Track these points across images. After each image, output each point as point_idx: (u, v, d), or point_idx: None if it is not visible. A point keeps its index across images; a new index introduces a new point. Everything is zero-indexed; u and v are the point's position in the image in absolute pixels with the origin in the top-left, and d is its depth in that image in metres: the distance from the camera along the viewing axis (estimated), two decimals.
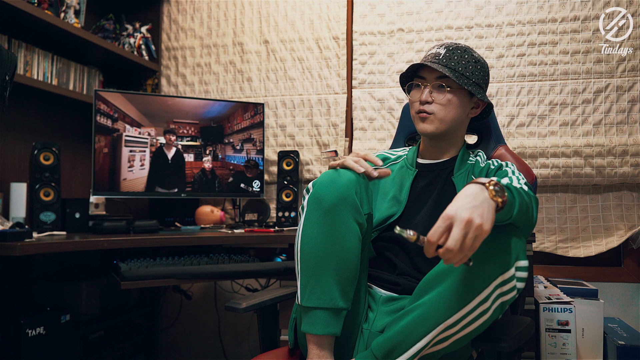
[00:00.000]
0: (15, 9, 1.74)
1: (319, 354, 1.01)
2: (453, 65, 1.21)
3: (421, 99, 1.23)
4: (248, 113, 2.22)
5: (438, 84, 1.22)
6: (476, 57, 1.25)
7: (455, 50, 1.23)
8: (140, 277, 1.61)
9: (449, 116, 1.23)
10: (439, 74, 1.22)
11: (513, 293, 0.95)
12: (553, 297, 1.60)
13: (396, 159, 1.37)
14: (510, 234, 0.96)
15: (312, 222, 1.04)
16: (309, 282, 1.02)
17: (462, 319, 0.94)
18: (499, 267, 0.93)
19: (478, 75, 1.24)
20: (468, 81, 1.21)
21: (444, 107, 1.22)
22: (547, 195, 2.02)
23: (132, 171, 2.03)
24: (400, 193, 1.27)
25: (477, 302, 0.93)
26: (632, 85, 1.94)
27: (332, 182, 1.04)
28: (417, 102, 1.25)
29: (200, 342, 2.49)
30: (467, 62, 1.22)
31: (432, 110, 1.23)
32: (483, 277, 0.93)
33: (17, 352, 1.55)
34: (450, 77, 1.19)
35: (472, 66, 1.22)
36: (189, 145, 2.13)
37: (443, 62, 1.21)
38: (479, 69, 1.24)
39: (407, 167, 1.32)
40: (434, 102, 1.22)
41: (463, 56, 1.23)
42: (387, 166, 1.33)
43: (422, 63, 1.23)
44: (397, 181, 1.29)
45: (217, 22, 2.44)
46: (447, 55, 1.22)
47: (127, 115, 2.02)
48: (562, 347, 1.51)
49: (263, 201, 2.25)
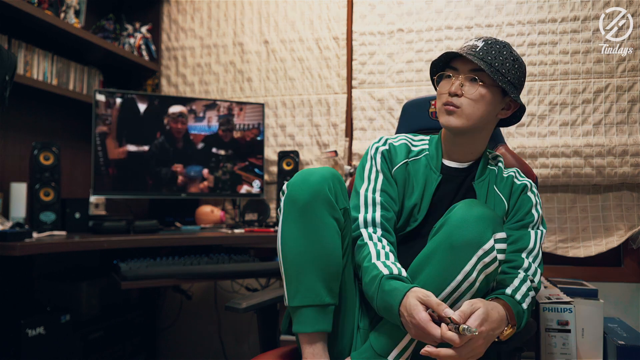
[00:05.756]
0: (15, 9, 1.74)
1: (313, 353, 1.02)
2: (489, 60, 1.12)
3: (450, 90, 1.14)
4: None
5: (471, 76, 1.14)
6: (515, 56, 1.16)
7: (493, 45, 1.15)
8: (140, 277, 1.61)
9: (477, 113, 1.14)
10: (472, 66, 1.14)
11: (495, 264, 0.98)
12: (553, 297, 1.60)
13: (418, 154, 1.26)
14: (486, 208, 1.00)
15: (289, 222, 1.05)
16: (293, 282, 1.04)
17: (451, 294, 0.98)
18: (479, 239, 0.96)
19: (514, 74, 1.15)
20: (503, 78, 1.12)
21: (474, 103, 1.13)
22: (547, 195, 2.02)
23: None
24: (422, 200, 1.21)
25: (463, 276, 0.97)
26: (632, 85, 1.94)
27: (304, 181, 1.05)
28: (445, 94, 1.16)
29: (200, 342, 2.49)
30: (504, 59, 1.14)
31: (461, 103, 1.14)
32: (465, 251, 0.96)
33: (17, 352, 1.55)
34: (485, 70, 1.11)
35: (509, 64, 1.14)
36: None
37: (479, 55, 1.13)
38: (516, 68, 1.15)
39: (432, 170, 1.23)
40: (463, 96, 1.14)
41: (501, 52, 1.14)
42: (410, 161, 1.25)
43: (457, 52, 1.15)
44: (420, 182, 1.22)
45: (217, 22, 2.44)
46: (484, 49, 1.14)
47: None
48: (562, 347, 1.51)
49: (263, 201, 2.25)
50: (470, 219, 0.97)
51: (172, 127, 2.10)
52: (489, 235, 0.96)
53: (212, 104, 2.15)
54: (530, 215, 1.18)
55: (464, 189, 1.22)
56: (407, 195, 1.22)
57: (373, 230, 1.15)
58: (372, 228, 1.16)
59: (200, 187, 2.15)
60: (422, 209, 1.20)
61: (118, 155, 2.02)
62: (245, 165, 2.22)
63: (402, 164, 1.24)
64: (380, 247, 1.10)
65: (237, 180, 2.21)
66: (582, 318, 1.57)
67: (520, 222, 1.17)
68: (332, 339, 1.08)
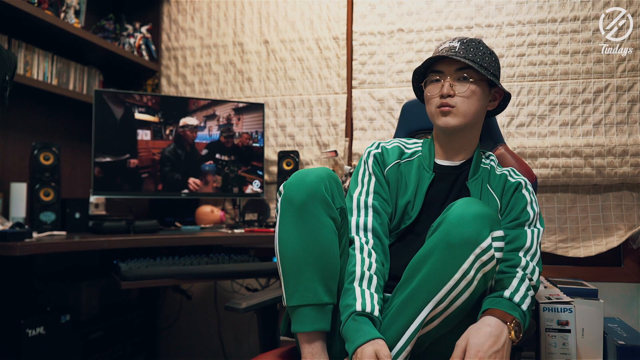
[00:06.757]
0: (15, 9, 1.74)
1: (312, 352, 1.02)
2: (471, 57, 1.18)
3: (442, 92, 1.19)
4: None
5: (459, 75, 1.19)
6: (489, 49, 1.23)
7: (470, 43, 1.21)
8: (140, 277, 1.61)
9: (472, 109, 1.19)
10: (457, 66, 1.19)
11: (493, 263, 0.97)
12: (553, 297, 1.60)
13: (411, 155, 1.30)
14: (484, 206, 1.00)
15: (286, 222, 1.05)
16: (291, 282, 1.04)
17: (449, 293, 0.97)
18: (476, 237, 0.96)
19: (494, 66, 1.22)
20: (487, 72, 1.18)
21: (467, 100, 1.19)
22: (547, 195, 2.02)
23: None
24: (415, 198, 1.23)
25: (460, 274, 0.96)
26: (632, 85, 1.94)
27: (301, 181, 1.06)
28: (436, 97, 1.21)
29: (200, 342, 2.49)
30: (483, 54, 1.20)
31: (455, 103, 1.18)
32: (463, 249, 0.96)
33: (17, 352, 1.55)
34: (473, 67, 1.16)
35: (487, 57, 1.20)
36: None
37: (461, 55, 1.18)
38: (493, 60, 1.22)
39: (425, 169, 1.26)
40: (456, 95, 1.18)
41: (478, 47, 1.21)
42: (403, 162, 1.28)
43: (441, 56, 1.19)
44: (413, 180, 1.25)
45: (217, 22, 2.44)
46: (462, 48, 1.19)
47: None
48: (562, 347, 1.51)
49: (263, 201, 2.25)
50: (467, 217, 0.97)
51: (185, 133, 2.13)
52: (487, 234, 0.96)
53: (212, 115, 2.16)
54: (525, 213, 1.18)
55: (457, 187, 1.23)
56: (400, 194, 1.24)
57: (365, 237, 1.16)
58: (364, 234, 1.16)
59: (204, 188, 2.15)
60: (415, 207, 1.21)
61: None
62: (248, 169, 2.22)
63: (394, 165, 1.26)
64: (367, 265, 1.09)
65: (241, 181, 2.21)
66: (582, 318, 1.57)
67: (516, 220, 1.17)
68: (331, 338, 1.07)
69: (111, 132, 2.00)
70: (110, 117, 2.00)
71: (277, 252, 1.07)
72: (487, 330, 0.95)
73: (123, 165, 2.01)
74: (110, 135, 1.99)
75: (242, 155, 2.22)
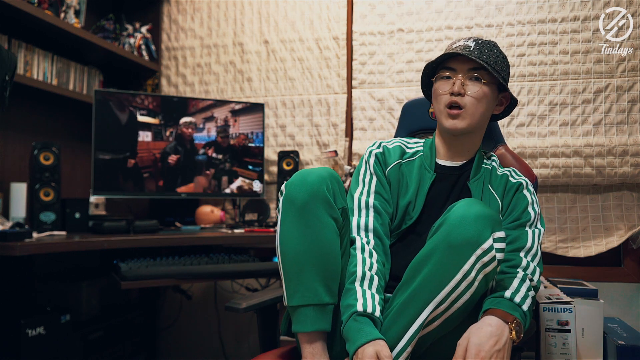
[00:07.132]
0: (15, 9, 1.74)
1: (312, 352, 1.02)
2: (485, 59, 1.16)
3: (453, 90, 1.16)
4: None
5: (471, 75, 1.17)
6: (502, 53, 1.21)
7: (485, 44, 1.19)
8: (140, 277, 1.61)
9: (480, 111, 1.18)
10: (471, 65, 1.16)
11: (494, 264, 0.97)
12: (553, 297, 1.60)
13: (413, 155, 1.28)
14: (485, 207, 0.99)
15: (288, 222, 1.05)
16: (292, 281, 1.04)
17: (450, 293, 0.97)
18: (477, 238, 0.96)
19: (505, 71, 1.21)
20: (499, 75, 1.17)
21: (477, 101, 1.16)
22: (547, 195, 2.02)
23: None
24: (416, 198, 1.22)
25: (461, 275, 0.96)
26: (632, 85, 1.94)
27: (302, 181, 1.05)
28: (446, 95, 1.18)
29: (200, 342, 2.49)
30: (496, 57, 1.18)
31: (465, 103, 1.16)
32: (464, 250, 0.96)
33: (17, 352, 1.55)
34: (487, 69, 1.14)
35: (500, 61, 1.19)
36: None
37: (475, 55, 1.16)
38: (506, 65, 1.21)
39: (426, 169, 1.25)
40: (466, 95, 1.16)
41: (492, 50, 1.19)
42: (404, 162, 1.27)
43: (455, 53, 1.17)
44: (414, 180, 1.24)
45: (217, 22, 2.44)
46: (477, 48, 1.17)
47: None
48: (562, 347, 1.51)
49: (263, 201, 2.25)
50: (469, 217, 0.97)
51: (183, 132, 2.12)
52: (488, 235, 0.96)
53: (210, 117, 2.16)
54: (526, 213, 1.18)
55: (459, 187, 1.23)
56: (401, 194, 1.24)
57: (366, 238, 1.16)
58: (364, 235, 1.16)
59: (202, 187, 2.15)
60: (416, 207, 1.21)
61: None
62: (244, 168, 2.22)
63: (396, 164, 1.26)
64: (368, 265, 1.09)
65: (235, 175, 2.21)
66: (582, 318, 1.57)
67: (517, 221, 1.17)
68: (331, 338, 1.07)
69: (111, 132, 2.00)
70: (110, 117, 2.00)
71: (279, 252, 1.06)
72: (489, 330, 0.95)
73: (123, 165, 2.01)
74: (110, 135, 2.00)
75: (237, 155, 2.21)
